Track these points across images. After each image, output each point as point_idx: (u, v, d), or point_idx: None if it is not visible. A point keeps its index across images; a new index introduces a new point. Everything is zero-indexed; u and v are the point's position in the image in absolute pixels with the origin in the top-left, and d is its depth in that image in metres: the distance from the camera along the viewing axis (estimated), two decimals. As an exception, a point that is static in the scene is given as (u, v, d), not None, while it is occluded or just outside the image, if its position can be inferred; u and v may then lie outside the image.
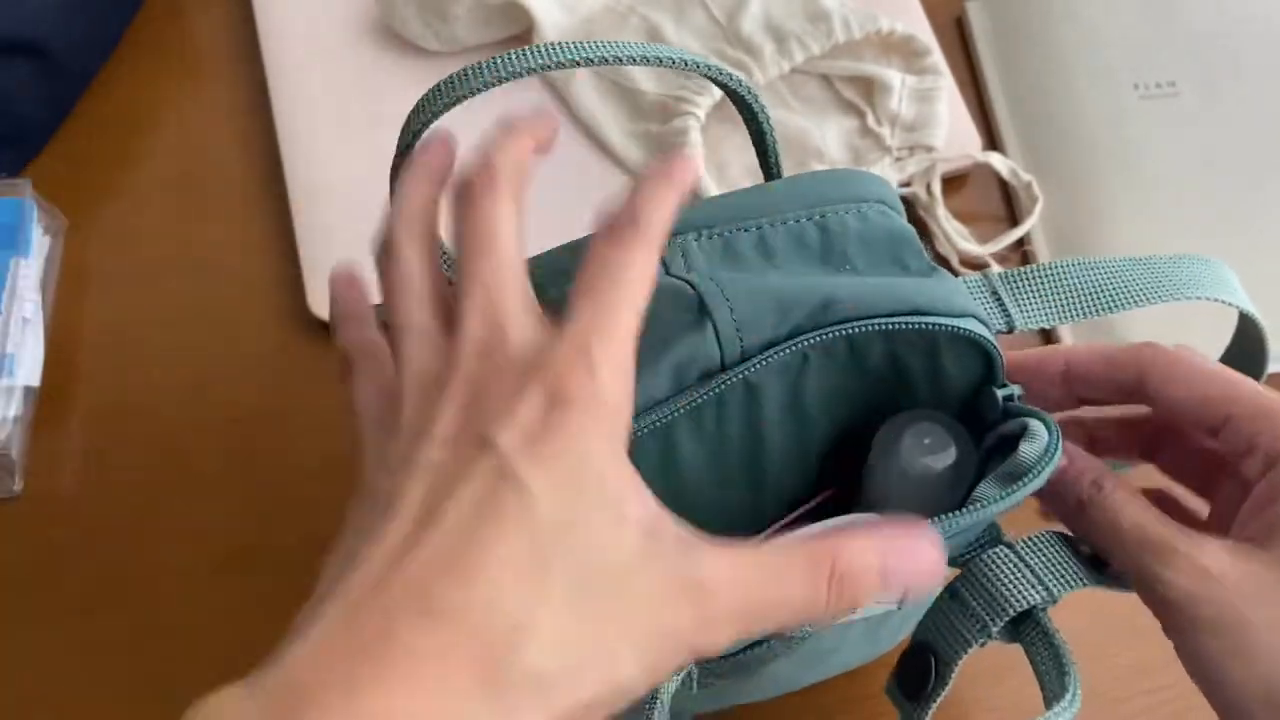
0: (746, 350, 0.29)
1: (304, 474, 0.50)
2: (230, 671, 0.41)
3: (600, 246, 0.27)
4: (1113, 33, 0.59)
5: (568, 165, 0.56)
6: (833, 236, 0.32)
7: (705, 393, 0.29)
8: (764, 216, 0.32)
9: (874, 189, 0.33)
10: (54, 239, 0.55)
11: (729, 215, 0.32)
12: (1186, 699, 0.45)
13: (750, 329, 0.29)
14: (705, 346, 0.29)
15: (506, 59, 0.30)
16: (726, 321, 0.29)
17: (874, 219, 0.32)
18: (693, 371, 0.29)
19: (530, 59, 0.30)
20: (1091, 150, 0.56)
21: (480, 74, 0.30)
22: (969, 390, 0.32)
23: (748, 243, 0.32)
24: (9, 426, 0.49)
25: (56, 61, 0.56)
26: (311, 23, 0.60)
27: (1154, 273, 0.34)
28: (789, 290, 0.30)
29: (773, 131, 0.35)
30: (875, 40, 0.55)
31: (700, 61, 0.32)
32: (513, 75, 0.30)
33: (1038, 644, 0.30)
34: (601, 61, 0.31)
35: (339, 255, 0.53)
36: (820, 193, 0.32)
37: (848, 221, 0.32)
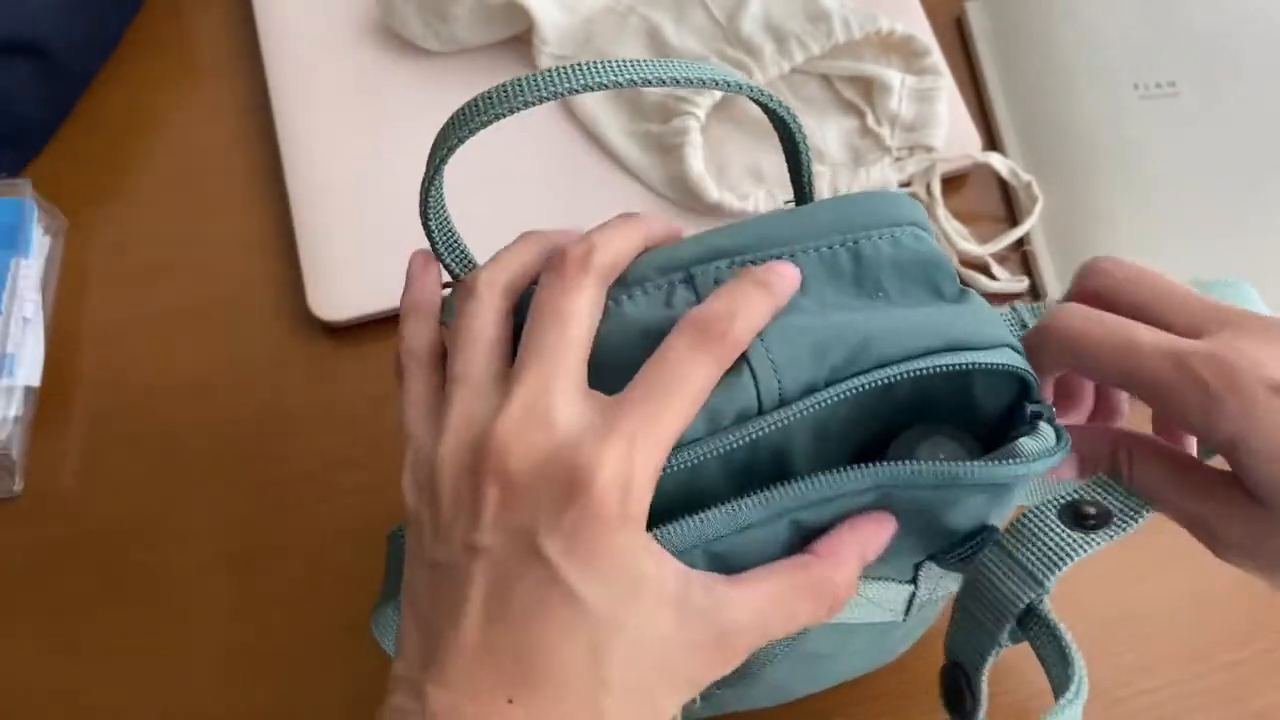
0: (784, 393, 0.29)
1: (304, 474, 0.50)
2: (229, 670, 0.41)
3: (680, 345, 0.27)
4: (1113, 33, 0.59)
5: (568, 165, 0.56)
6: (865, 263, 0.31)
7: (741, 438, 0.29)
8: (796, 243, 0.31)
9: (907, 212, 0.32)
10: (54, 239, 0.55)
11: (761, 241, 0.31)
12: (1187, 699, 0.45)
13: (787, 372, 0.29)
14: (742, 391, 0.29)
15: (550, 76, 0.29)
16: (764, 365, 0.29)
17: (907, 244, 0.32)
18: (729, 415, 0.29)
19: (574, 78, 0.29)
20: (1091, 150, 0.56)
21: (521, 91, 0.29)
22: (1000, 412, 0.31)
23: None
24: (9, 426, 0.49)
25: (56, 61, 0.56)
26: (311, 23, 0.60)
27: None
28: (825, 330, 0.30)
29: (809, 152, 0.35)
30: (875, 40, 0.55)
31: (745, 84, 0.31)
32: (554, 95, 0.29)
33: (1041, 637, 0.30)
34: (645, 83, 0.30)
35: (339, 255, 0.54)
36: (853, 217, 0.32)
37: (881, 247, 0.31)
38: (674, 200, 0.54)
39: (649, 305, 0.30)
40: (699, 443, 0.28)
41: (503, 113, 0.30)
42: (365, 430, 0.51)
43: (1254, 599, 0.47)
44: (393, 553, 0.34)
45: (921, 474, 0.29)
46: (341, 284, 0.53)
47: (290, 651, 0.46)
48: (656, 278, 0.31)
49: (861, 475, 0.29)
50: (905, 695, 0.45)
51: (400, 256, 0.54)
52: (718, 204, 0.53)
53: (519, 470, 0.26)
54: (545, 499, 0.26)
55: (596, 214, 0.54)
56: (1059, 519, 0.29)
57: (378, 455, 0.50)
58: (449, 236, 0.34)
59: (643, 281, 0.31)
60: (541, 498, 0.26)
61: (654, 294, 0.30)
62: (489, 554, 0.26)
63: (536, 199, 0.55)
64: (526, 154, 0.56)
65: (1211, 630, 0.46)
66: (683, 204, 0.54)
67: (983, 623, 0.31)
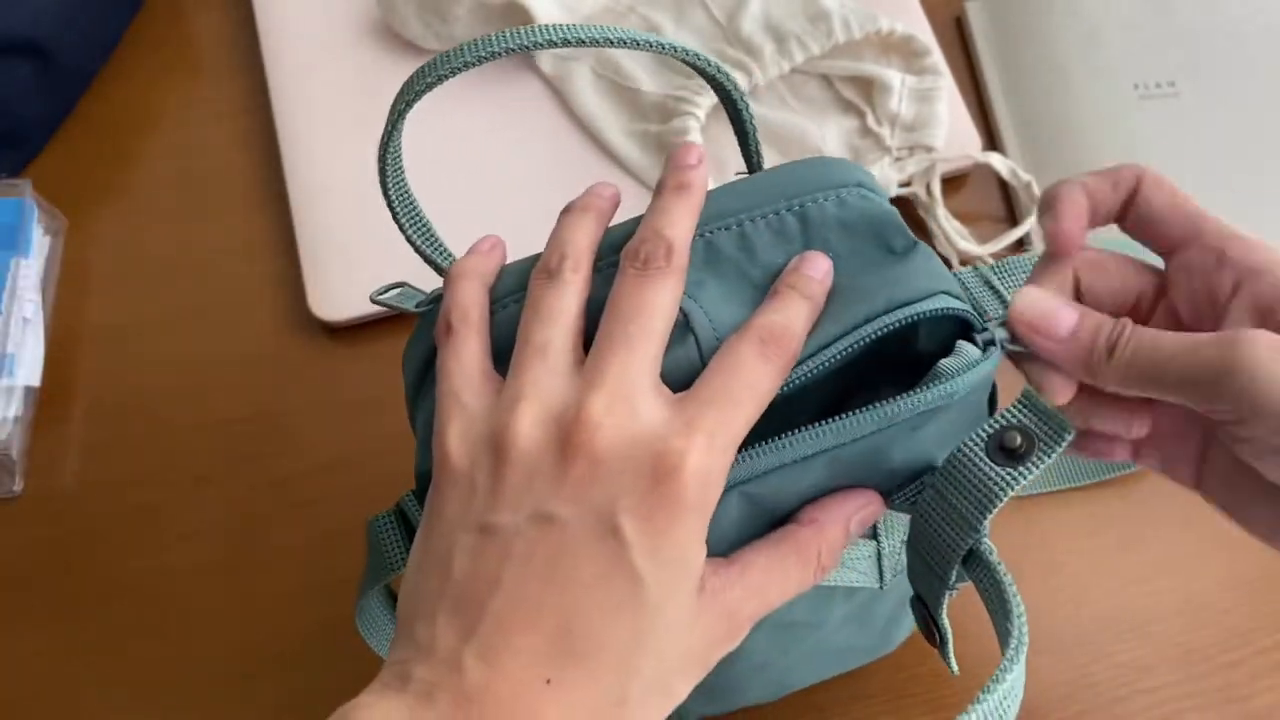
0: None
1: (303, 474, 0.50)
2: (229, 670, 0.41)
3: (749, 354, 0.29)
4: (1113, 33, 0.59)
5: (567, 165, 0.56)
6: (813, 225, 0.32)
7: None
8: (744, 212, 0.32)
9: (851, 174, 0.33)
10: (54, 239, 0.55)
11: (710, 214, 0.32)
12: (1187, 698, 0.45)
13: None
14: (690, 366, 0.29)
15: (491, 39, 0.31)
16: (706, 331, 0.30)
17: (853, 203, 0.32)
18: (673, 379, 0.29)
19: (512, 39, 0.30)
20: (1091, 150, 0.56)
21: (463, 53, 0.31)
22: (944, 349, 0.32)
23: (729, 241, 0.32)
24: (9, 426, 0.49)
25: (56, 61, 0.56)
26: (311, 23, 0.60)
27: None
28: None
29: (752, 119, 0.36)
30: (875, 40, 0.55)
31: (675, 45, 0.32)
32: (494, 55, 0.31)
33: (984, 581, 0.30)
34: (581, 43, 0.31)
35: (339, 255, 0.54)
36: (798, 182, 0.33)
37: (827, 209, 0.32)
38: (674, 200, 0.54)
39: (602, 283, 0.31)
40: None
41: (450, 71, 0.31)
42: (365, 430, 0.51)
43: (1253, 599, 0.47)
44: (374, 541, 0.34)
45: (853, 425, 0.29)
46: (341, 284, 0.53)
47: (290, 651, 0.46)
48: (610, 256, 0.31)
49: (799, 442, 0.29)
50: (902, 694, 0.45)
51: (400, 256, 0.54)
52: (718, 204, 0.53)
53: (608, 450, 0.27)
54: (629, 480, 0.27)
55: (596, 214, 0.54)
56: (986, 455, 0.29)
57: (377, 455, 0.50)
58: (407, 202, 0.35)
59: (597, 261, 0.32)
60: (626, 478, 0.27)
61: (607, 273, 0.31)
62: (561, 524, 0.27)
63: (536, 199, 0.55)
64: (526, 154, 0.56)
65: (1211, 630, 0.46)
66: (683, 204, 0.54)
67: (931, 566, 0.31)
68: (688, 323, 0.30)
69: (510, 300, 0.32)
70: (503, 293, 0.32)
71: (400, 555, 0.33)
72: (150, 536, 0.49)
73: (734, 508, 0.30)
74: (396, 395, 0.52)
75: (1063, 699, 0.45)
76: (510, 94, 0.57)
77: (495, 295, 0.32)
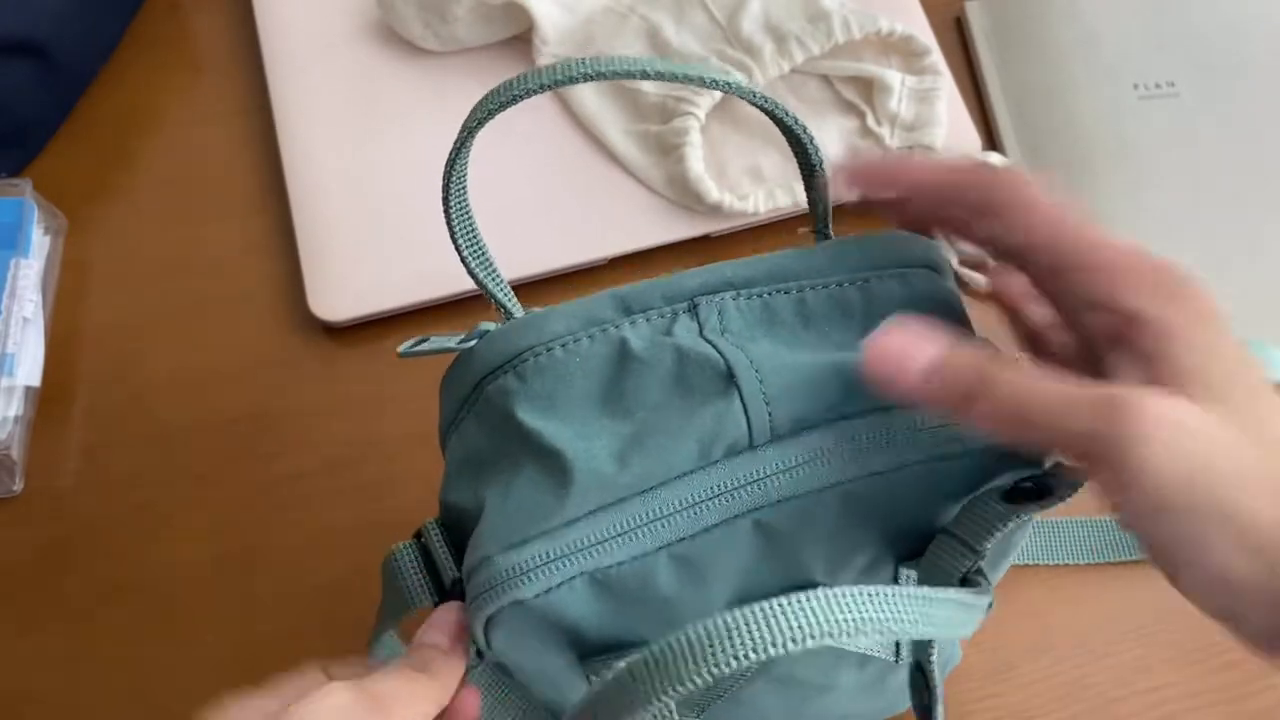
0: (775, 426, 0.29)
1: (303, 474, 0.50)
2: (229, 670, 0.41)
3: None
4: (1113, 33, 0.59)
5: (568, 165, 0.56)
6: (875, 303, 0.31)
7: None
8: (805, 278, 0.31)
9: (920, 253, 0.32)
10: (54, 239, 0.55)
11: (770, 275, 0.31)
12: (1187, 699, 0.45)
13: (780, 404, 0.29)
14: (732, 419, 0.29)
15: (567, 66, 0.29)
16: (755, 395, 0.29)
17: (918, 285, 0.31)
18: (720, 446, 0.29)
19: (588, 67, 0.29)
20: (1091, 150, 0.56)
21: (536, 78, 0.29)
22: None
23: (787, 306, 0.31)
24: (9, 426, 0.49)
25: (56, 61, 0.56)
26: (311, 23, 0.60)
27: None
28: (823, 366, 0.29)
29: (823, 164, 0.34)
30: (875, 40, 0.55)
31: (755, 91, 0.31)
32: (569, 81, 0.29)
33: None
34: (657, 77, 0.30)
35: (339, 256, 0.54)
36: (866, 256, 0.32)
37: (892, 287, 0.31)
38: (674, 200, 0.54)
39: (651, 331, 0.30)
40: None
41: (526, 93, 0.30)
42: (365, 430, 0.51)
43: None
44: (391, 574, 0.33)
45: (862, 448, 0.29)
46: (341, 284, 0.53)
47: (289, 651, 0.46)
48: (661, 305, 0.31)
49: (813, 476, 0.29)
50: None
51: (400, 256, 0.54)
52: (717, 204, 0.53)
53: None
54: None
55: (596, 214, 0.54)
56: (999, 499, 0.30)
57: (377, 455, 0.50)
58: (467, 223, 0.33)
59: (646, 308, 0.31)
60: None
61: (656, 321, 0.30)
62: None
63: (536, 199, 0.55)
64: (526, 154, 0.56)
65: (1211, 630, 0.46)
66: (682, 204, 0.54)
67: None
68: (730, 373, 0.29)
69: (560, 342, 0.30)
70: (564, 330, 0.31)
71: (422, 591, 0.32)
72: (150, 536, 0.49)
73: (746, 541, 0.29)
74: (396, 395, 0.52)
75: (1061, 699, 0.45)
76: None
77: (556, 334, 0.30)
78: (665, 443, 0.28)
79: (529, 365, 0.30)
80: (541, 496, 0.28)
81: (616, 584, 0.28)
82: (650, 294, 0.31)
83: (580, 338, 0.30)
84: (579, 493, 0.28)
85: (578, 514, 0.28)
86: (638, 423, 0.29)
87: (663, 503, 0.28)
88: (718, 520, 0.28)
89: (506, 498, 0.29)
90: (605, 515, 0.28)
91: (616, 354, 0.30)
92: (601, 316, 0.30)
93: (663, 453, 0.28)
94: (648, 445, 0.28)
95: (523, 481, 0.29)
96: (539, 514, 0.28)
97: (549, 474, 0.28)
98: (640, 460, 0.28)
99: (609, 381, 0.30)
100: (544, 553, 0.27)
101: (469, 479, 0.31)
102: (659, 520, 0.28)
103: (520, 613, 0.28)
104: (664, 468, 0.28)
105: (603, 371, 0.30)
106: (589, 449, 0.28)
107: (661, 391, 0.29)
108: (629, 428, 0.29)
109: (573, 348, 0.30)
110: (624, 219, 0.54)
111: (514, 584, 0.27)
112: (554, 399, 0.29)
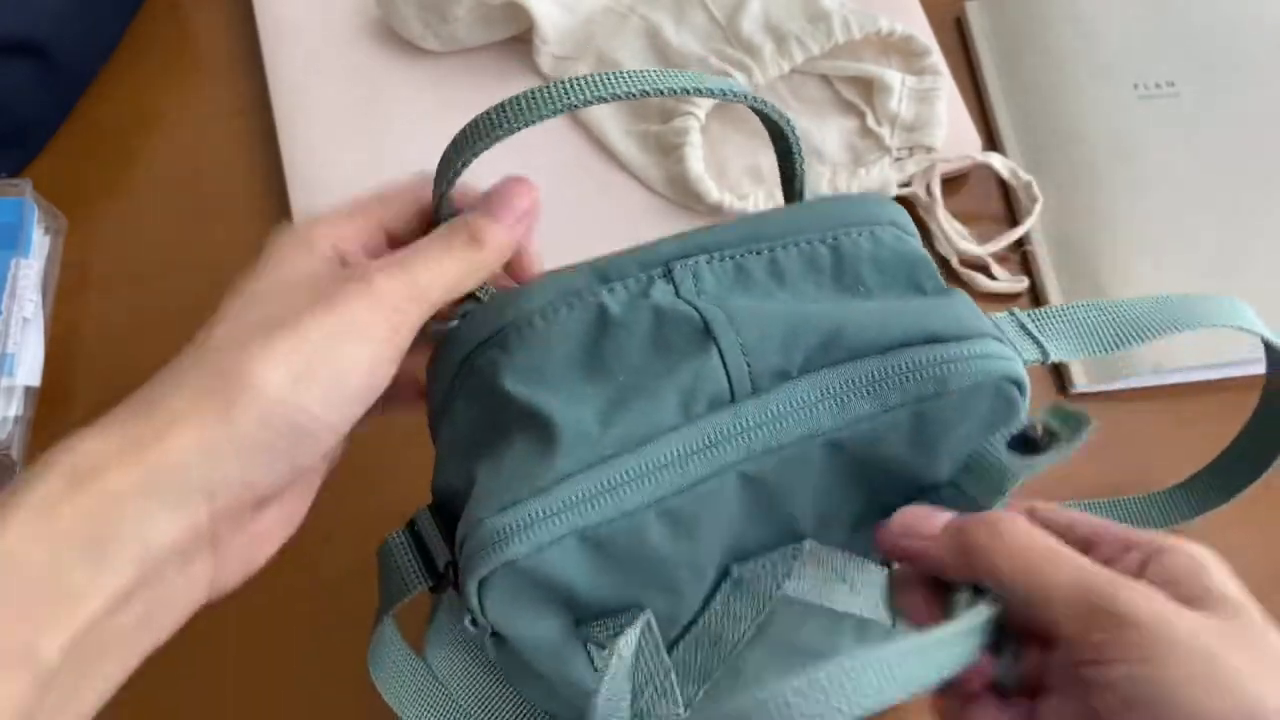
0: (755, 377, 0.30)
1: (304, 474, 0.50)
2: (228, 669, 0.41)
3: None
4: (1113, 33, 0.59)
5: (568, 165, 0.56)
6: (845, 258, 0.32)
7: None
8: (776, 239, 0.32)
9: (887, 212, 0.33)
10: (54, 239, 0.55)
11: (742, 238, 0.32)
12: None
13: (757, 355, 0.30)
14: (711, 373, 0.29)
15: (560, 88, 0.31)
16: (733, 347, 0.30)
17: (887, 241, 0.32)
18: (701, 400, 0.29)
19: (583, 90, 0.30)
20: (1091, 150, 0.56)
21: (528, 107, 0.31)
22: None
23: (760, 265, 0.32)
24: (9, 426, 0.49)
25: (56, 61, 0.56)
26: (311, 23, 0.60)
27: (1170, 310, 0.35)
28: (798, 317, 0.30)
29: (803, 158, 0.35)
30: (875, 40, 0.55)
31: (742, 92, 0.32)
32: (562, 109, 0.30)
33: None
34: (649, 94, 0.31)
35: (339, 255, 0.53)
36: (833, 215, 0.33)
37: (860, 243, 0.32)
38: (674, 200, 0.54)
39: (628, 296, 0.31)
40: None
41: (508, 131, 0.31)
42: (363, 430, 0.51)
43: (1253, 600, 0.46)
44: (386, 561, 0.33)
45: (845, 395, 0.29)
46: (341, 284, 0.53)
47: (288, 650, 0.46)
48: (637, 272, 0.32)
49: (792, 417, 0.29)
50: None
51: (400, 256, 0.54)
52: (718, 204, 0.53)
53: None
54: None
55: (596, 214, 0.54)
56: (1006, 446, 0.30)
57: (375, 452, 0.50)
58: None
59: (623, 276, 0.31)
60: None
61: (634, 287, 0.31)
62: None
63: (536, 199, 0.55)
64: (526, 154, 0.56)
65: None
66: (682, 204, 0.54)
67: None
68: (708, 329, 0.30)
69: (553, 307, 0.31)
70: (543, 303, 0.31)
71: (416, 576, 0.32)
72: (150, 536, 0.49)
73: (734, 495, 0.30)
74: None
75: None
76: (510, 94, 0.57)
77: (536, 306, 0.31)
78: (648, 400, 0.29)
79: (511, 337, 0.31)
80: (530, 462, 0.29)
81: (608, 542, 0.29)
82: (626, 263, 0.32)
83: (559, 307, 0.31)
84: (566, 454, 0.28)
85: (565, 474, 0.28)
86: (620, 384, 0.30)
87: (648, 458, 0.28)
88: (704, 475, 0.29)
89: (497, 469, 0.29)
90: (593, 473, 0.28)
91: (596, 320, 0.31)
92: (579, 286, 0.31)
93: (646, 411, 0.29)
94: (631, 404, 0.29)
95: (513, 451, 0.29)
96: (528, 477, 0.28)
97: (537, 440, 0.29)
98: (624, 419, 0.29)
99: (590, 346, 0.30)
100: (533, 512, 0.28)
101: (460, 458, 0.31)
102: (646, 475, 0.28)
103: (512, 575, 0.28)
104: (648, 425, 0.29)
105: (583, 337, 0.31)
106: (575, 412, 0.29)
107: (641, 353, 0.30)
108: (612, 389, 0.30)
109: (552, 317, 0.31)
110: (624, 219, 0.54)
111: (504, 544, 0.28)
112: (538, 368, 0.30)
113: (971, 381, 0.30)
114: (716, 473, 0.29)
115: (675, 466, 0.29)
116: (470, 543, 0.28)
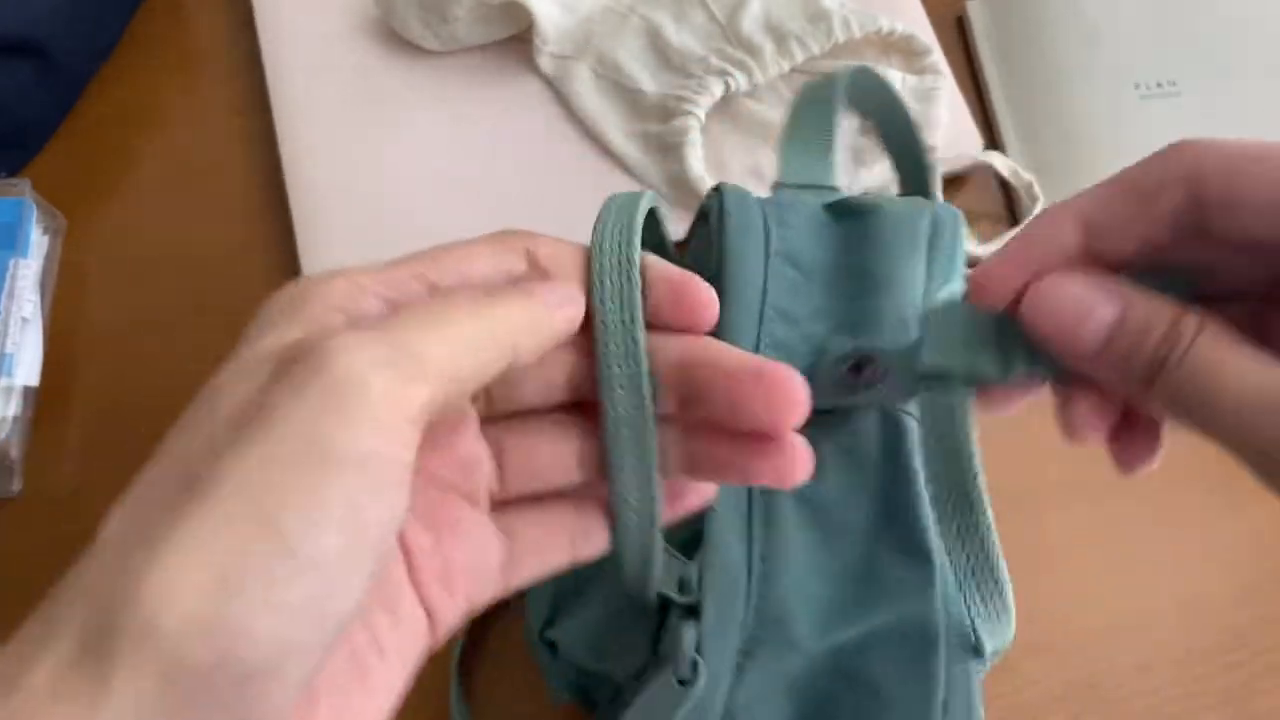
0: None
1: (304, 474, 0.50)
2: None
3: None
4: (1114, 32, 0.59)
5: (568, 165, 0.56)
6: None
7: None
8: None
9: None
10: (54, 239, 0.55)
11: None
12: (1187, 699, 0.45)
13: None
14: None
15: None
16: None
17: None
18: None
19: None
20: (1091, 150, 0.56)
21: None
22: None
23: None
24: (9, 426, 0.49)
25: (56, 61, 0.56)
26: (311, 23, 0.60)
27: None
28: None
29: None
30: (876, 40, 0.55)
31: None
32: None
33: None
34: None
35: (339, 256, 0.53)
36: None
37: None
38: (674, 200, 0.54)
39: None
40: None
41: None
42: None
43: (1253, 600, 0.46)
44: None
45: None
46: (341, 284, 0.53)
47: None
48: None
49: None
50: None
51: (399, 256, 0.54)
52: (718, 204, 0.53)
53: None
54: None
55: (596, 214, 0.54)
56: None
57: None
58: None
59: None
60: None
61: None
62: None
63: (536, 199, 0.55)
64: (526, 154, 0.56)
65: (1210, 631, 0.46)
66: (683, 204, 0.54)
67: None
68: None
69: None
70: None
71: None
72: (150, 537, 0.49)
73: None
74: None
75: (1062, 699, 0.45)
76: (510, 94, 0.57)
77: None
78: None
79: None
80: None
81: None
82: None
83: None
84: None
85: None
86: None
87: None
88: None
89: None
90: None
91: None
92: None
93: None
94: None
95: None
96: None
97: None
98: None
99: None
100: None
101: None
102: None
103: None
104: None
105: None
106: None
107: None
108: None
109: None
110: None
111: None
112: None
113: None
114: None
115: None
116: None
